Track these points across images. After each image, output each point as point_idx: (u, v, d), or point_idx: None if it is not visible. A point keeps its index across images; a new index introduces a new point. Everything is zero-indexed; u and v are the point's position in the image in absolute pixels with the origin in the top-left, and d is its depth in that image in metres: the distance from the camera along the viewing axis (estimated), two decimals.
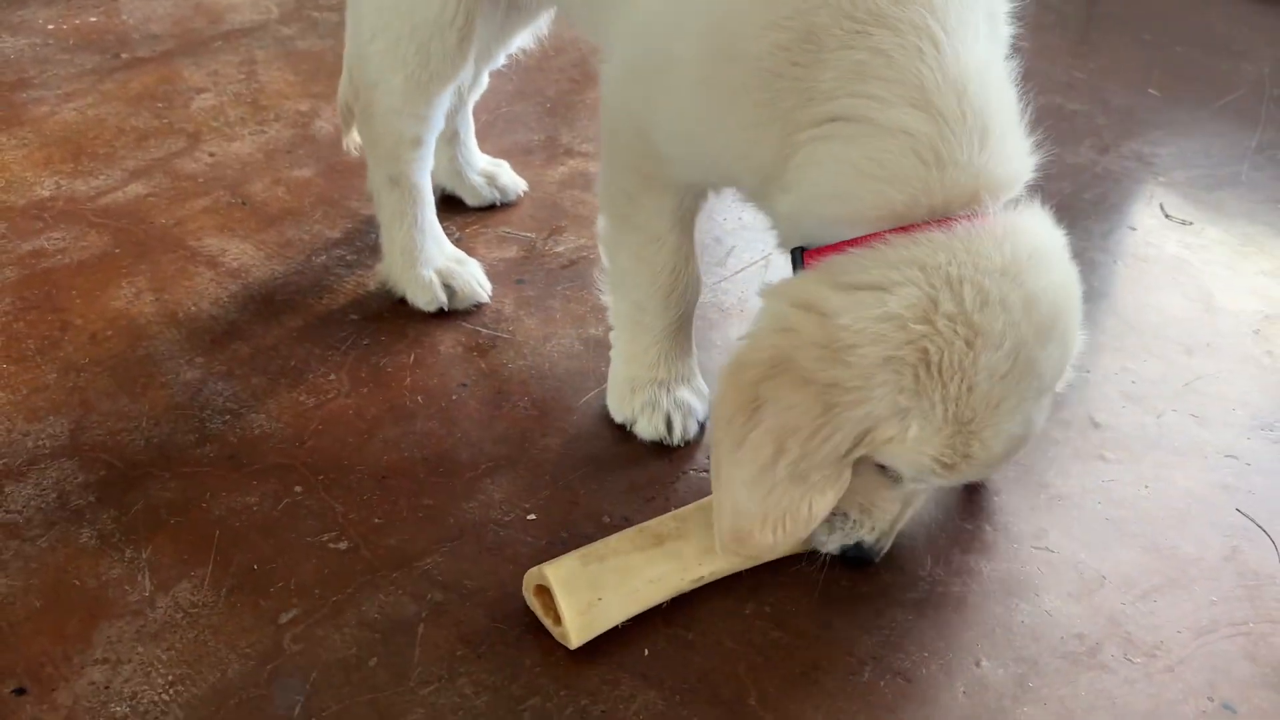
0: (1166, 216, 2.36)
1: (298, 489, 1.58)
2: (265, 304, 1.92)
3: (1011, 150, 1.33)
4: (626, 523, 1.55)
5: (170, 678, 1.33)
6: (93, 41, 2.74)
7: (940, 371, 1.24)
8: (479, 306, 1.95)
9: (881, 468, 1.35)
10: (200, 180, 2.24)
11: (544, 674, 1.36)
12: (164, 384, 1.75)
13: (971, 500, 1.63)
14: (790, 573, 1.50)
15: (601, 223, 1.67)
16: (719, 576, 1.46)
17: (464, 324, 1.92)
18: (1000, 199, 1.30)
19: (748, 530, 1.33)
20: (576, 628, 1.36)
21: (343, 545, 1.50)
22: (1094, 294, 2.13)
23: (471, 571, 1.47)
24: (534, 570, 1.40)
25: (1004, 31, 1.40)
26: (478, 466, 1.64)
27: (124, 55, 2.69)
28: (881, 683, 1.38)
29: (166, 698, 1.31)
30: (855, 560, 1.46)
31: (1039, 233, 1.32)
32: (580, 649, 1.37)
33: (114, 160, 2.29)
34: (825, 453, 1.28)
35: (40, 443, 1.63)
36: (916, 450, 1.27)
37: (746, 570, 1.48)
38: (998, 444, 1.29)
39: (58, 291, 1.92)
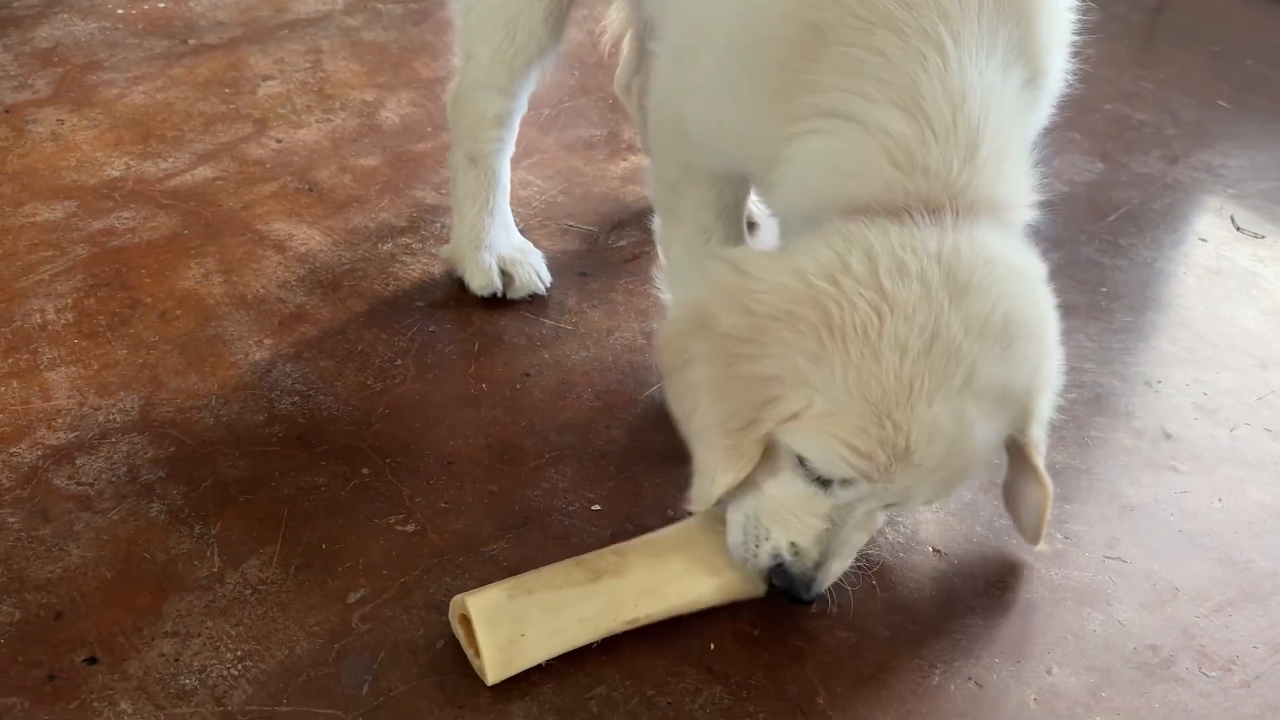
0: (1238, 229, 2.32)
1: (365, 471, 1.58)
2: (332, 289, 1.93)
3: (1006, 173, 1.25)
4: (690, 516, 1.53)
5: (239, 653, 1.33)
6: (161, 27, 2.77)
7: (843, 336, 1.16)
8: (542, 297, 1.95)
9: (802, 464, 1.24)
10: (267, 165, 2.26)
11: (609, 664, 1.35)
12: (233, 364, 1.76)
13: None
14: (857, 572, 1.48)
15: (656, 220, 1.68)
16: (655, 620, 1.35)
17: (527, 314, 1.92)
18: (978, 218, 1.22)
19: None
20: (494, 664, 1.27)
21: (410, 528, 1.50)
22: (1163, 304, 2.11)
23: (537, 559, 1.46)
24: (457, 599, 1.31)
25: (1050, 83, 1.33)
26: (542, 455, 1.64)
27: (191, 41, 2.71)
28: (952, 687, 1.36)
29: (235, 672, 1.31)
30: (785, 594, 1.30)
31: (1004, 245, 1.23)
32: (645, 640, 1.36)
33: (182, 143, 2.31)
34: (727, 414, 1.23)
35: (111, 417, 1.64)
36: (824, 430, 1.17)
37: (693, 614, 1.37)
38: (921, 437, 1.16)
39: (127, 270, 1.94)
